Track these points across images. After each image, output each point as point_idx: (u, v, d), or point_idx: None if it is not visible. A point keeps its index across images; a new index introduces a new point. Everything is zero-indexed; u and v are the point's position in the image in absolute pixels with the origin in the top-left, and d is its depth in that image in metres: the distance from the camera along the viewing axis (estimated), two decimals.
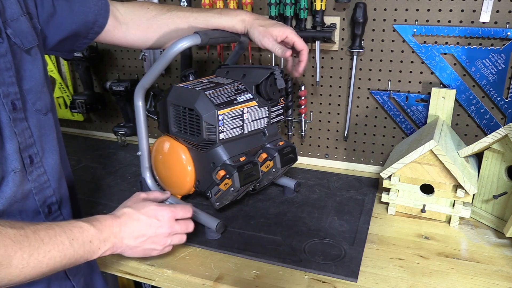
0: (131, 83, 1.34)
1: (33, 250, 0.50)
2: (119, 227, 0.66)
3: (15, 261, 0.48)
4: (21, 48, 0.64)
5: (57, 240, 0.54)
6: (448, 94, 1.04)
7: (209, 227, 0.90)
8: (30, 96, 0.65)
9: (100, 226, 0.63)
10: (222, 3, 1.16)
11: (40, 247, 0.51)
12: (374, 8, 1.08)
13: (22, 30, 0.64)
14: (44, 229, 0.53)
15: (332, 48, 1.15)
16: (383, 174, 0.97)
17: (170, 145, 0.96)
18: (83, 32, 0.82)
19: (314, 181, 1.16)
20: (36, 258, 0.51)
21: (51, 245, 0.53)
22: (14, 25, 0.62)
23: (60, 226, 0.56)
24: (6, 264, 0.48)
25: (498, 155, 0.91)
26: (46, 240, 0.52)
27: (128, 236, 0.68)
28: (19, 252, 0.49)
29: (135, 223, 0.69)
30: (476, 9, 0.99)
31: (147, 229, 0.70)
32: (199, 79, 0.98)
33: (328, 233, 0.91)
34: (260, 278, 0.79)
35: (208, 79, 0.97)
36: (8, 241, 0.48)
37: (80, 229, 0.59)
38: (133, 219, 0.69)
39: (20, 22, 0.64)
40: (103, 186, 1.16)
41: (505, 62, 1.00)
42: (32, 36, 0.66)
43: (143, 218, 0.70)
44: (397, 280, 0.77)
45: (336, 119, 1.23)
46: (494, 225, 0.93)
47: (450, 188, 0.93)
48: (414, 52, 1.08)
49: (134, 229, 0.69)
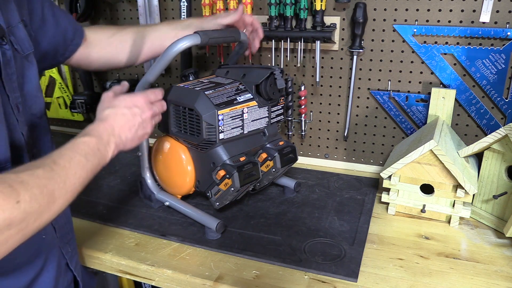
0: (131, 83, 1.33)
1: (64, 178, 0.55)
2: (112, 127, 0.70)
3: (56, 193, 0.53)
4: (21, 54, 0.66)
5: (75, 161, 0.58)
6: (448, 94, 1.04)
7: (209, 227, 0.90)
8: (28, 101, 0.67)
9: (98, 134, 0.66)
10: (222, 3, 1.16)
11: (68, 173, 0.56)
12: (374, 8, 1.08)
13: (21, 37, 0.66)
14: (60, 158, 0.57)
15: (332, 48, 1.15)
16: (383, 174, 0.97)
17: (170, 145, 0.96)
18: (61, 48, 0.83)
19: (314, 181, 1.16)
20: (69, 183, 0.55)
21: (74, 167, 0.57)
22: (15, 32, 0.65)
23: (69, 149, 0.59)
24: (52, 200, 0.52)
25: (498, 155, 0.91)
26: (67, 165, 0.56)
27: (123, 131, 0.71)
28: (55, 185, 0.53)
29: (122, 118, 0.72)
30: (476, 9, 0.99)
31: (134, 118, 0.74)
32: (199, 79, 0.98)
33: (328, 233, 0.91)
34: (260, 278, 0.79)
35: (208, 79, 0.97)
36: (44, 180, 0.51)
37: (85, 144, 0.62)
38: (118, 115, 0.72)
39: (19, 29, 0.66)
40: (103, 186, 1.16)
41: (505, 62, 1.00)
42: (28, 43, 0.68)
43: (126, 111, 0.73)
44: (397, 280, 0.77)
45: (336, 119, 1.23)
46: (494, 225, 0.93)
47: (450, 188, 0.93)
48: (414, 52, 1.08)
49: (124, 123, 0.72)
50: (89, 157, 0.61)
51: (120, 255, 0.86)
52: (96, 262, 0.88)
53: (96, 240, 0.91)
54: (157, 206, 1.02)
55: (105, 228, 0.96)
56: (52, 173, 0.54)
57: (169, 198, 0.99)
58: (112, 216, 0.99)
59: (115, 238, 0.92)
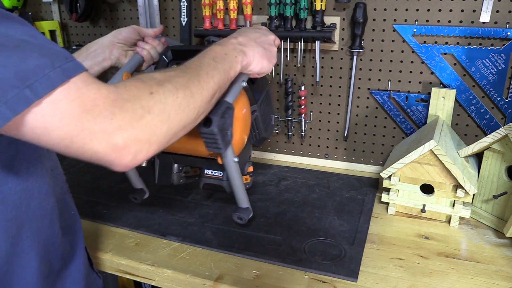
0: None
1: (197, 76, 0.58)
2: (236, 38, 0.72)
3: (192, 88, 0.55)
4: None
5: (205, 63, 0.61)
6: (448, 94, 1.04)
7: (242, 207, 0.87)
8: None
9: (222, 43, 0.69)
10: (222, 3, 1.16)
11: (200, 73, 0.58)
12: (374, 8, 1.08)
13: None
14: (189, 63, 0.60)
15: (332, 48, 1.15)
16: (383, 174, 0.97)
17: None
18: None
19: (314, 181, 1.16)
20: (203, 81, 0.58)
21: (205, 68, 0.60)
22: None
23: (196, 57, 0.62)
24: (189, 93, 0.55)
25: (498, 155, 0.91)
26: (198, 68, 0.59)
27: (248, 41, 0.72)
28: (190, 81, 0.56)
29: (245, 32, 0.75)
30: (476, 9, 0.99)
31: (257, 33, 0.76)
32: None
33: (328, 233, 0.91)
34: (260, 278, 0.79)
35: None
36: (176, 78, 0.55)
37: (211, 51, 0.65)
38: (241, 32, 0.75)
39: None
40: (103, 186, 1.16)
41: (505, 62, 1.00)
42: None
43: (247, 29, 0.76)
44: (397, 280, 0.77)
45: (336, 119, 1.23)
46: (494, 225, 0.93)
47: (450, 188, 0.93)
48: (414, 52, 1.08)
49: (248, 34, 0.74)
50: (218, 59, 0.63)
51: (120, 255, 0.86)
52: (96, 262, 0.88)
53: (96, 240, 0.91)
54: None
55: (105, 228, 0.96)
56: (184, 73, 0.56)
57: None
58: (112, 216, 0.99)
59: (115, 238, 0.92)
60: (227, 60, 0.65)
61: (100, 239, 0.91)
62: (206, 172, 0.91)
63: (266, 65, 0.75)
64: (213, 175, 0.90)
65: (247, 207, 0.87)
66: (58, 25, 1.47)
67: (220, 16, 1.17)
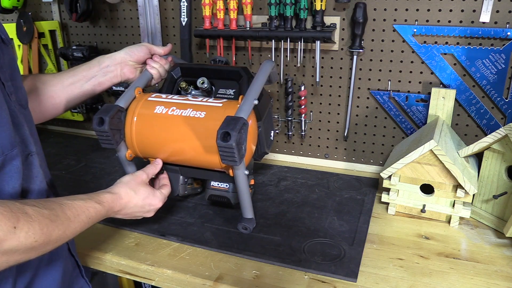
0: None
1: (65, 228, 0.60)
2: (120, 208, 0.78)
3: (54, 236, 0.57)
4: (6, 44, 0.65)
5: (79, 219, 0.63)
6: (448, 94, 1.04)
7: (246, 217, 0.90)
8: (17, 91, 0.67)
9: (108, 207, 0.73)
10: (222, 3, 1.16)
11: (69, 225, 0.61)
12: (374, 8, 1.08)
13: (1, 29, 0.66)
14: (69, 209, 0.62)
15: (332, 48, 1.15)
16: (383, 174, 0.97)
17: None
18: None
19: (314, 181, 1.16)
20: (68, 234, 0.60)
21: (76, 223, 0.62)
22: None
23: (80, 207, 0.65)
24: (48, 241, 0.56)
25: (498, 155, 0.91)
26: (72, 219, 0.61)
27: (124, 213, 0.80)
28: (55, 230, 0.57)
29: (133, 207, 0.80)
30: (476, 9, 0.99)
31: (140, 210, 0.83)
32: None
33: (328, 233, 0.91)
34: (260, 278, 0.79)
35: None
36: (47, 221, 0.55)
37: (95, 210, 0.68)
38: (132, 203, 0.80)
39: None
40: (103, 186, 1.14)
41: (505, 62, 1.00)
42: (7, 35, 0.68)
43: (139, 204, 0.82)
44: (397, 280, 0.77)
45: (336, 119, 1.23)
46: (494, 225, 0.93)
47: (450, 188, 0.93)
48: (414, 52, 1.08)
49: (132, 210, 0.81)
50: (93, 220, 0.67)
51: (120, 255, 0.86)
52: (96, 262, 0.88)
53: (96, 240, 0.91)
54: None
55: (105, 228, 0.96)
56: (56, 219, 0.58)
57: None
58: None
59: (115, 238, 0.92)
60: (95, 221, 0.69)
61: (100, 239, 0.91)
62: (212, 184, 0.94)
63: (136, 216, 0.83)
64: (219, 187, 0.93)
65: (252, 218, 0.91)
66: (58, 25, 1.47)
67: (220, 16, 1.17)
